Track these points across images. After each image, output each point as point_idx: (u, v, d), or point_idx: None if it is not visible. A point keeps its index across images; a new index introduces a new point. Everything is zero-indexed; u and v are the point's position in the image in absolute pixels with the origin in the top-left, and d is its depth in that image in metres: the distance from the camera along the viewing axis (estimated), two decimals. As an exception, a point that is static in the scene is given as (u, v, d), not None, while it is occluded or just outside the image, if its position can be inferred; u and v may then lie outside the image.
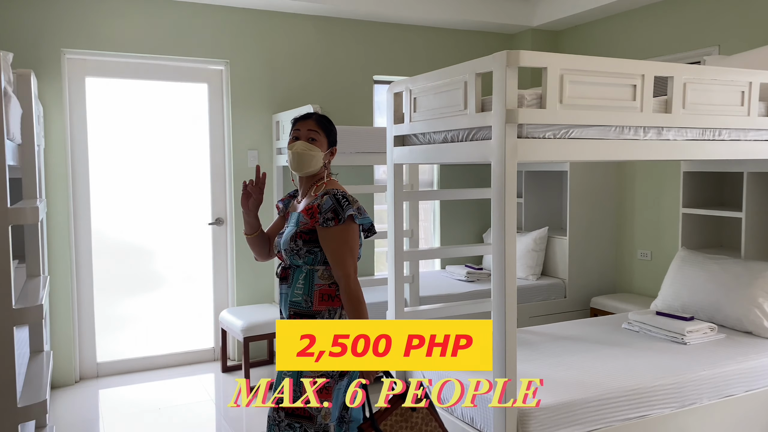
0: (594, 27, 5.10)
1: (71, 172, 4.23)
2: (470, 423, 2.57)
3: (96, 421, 3.70)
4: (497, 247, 2.28)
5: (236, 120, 4.58)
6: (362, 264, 5.01)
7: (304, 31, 4.76)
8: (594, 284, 4.87)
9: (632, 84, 2.42)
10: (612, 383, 2.59)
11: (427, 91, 2.69)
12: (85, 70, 4.27)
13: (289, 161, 2.23)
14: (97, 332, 4.39)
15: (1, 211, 1.84)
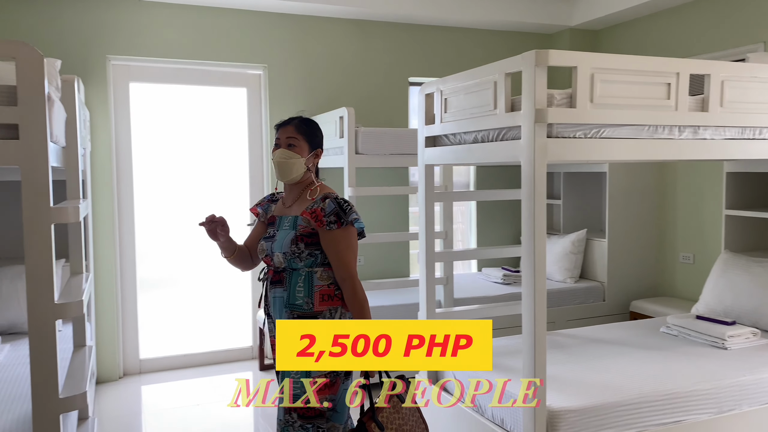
0: (634, 25, 5.00)
1: (116, 175, 4.37)
2: (500, 424, 2.56)
3: (138, 415, 3.81)
4: (527, 248, 2.27)
5: (274, 123, 4.66)
6: (396, 265, 5.03)
7: (339, 35, 4.81)
8: (634, 287, 4.77)
9: (666, 82, 2.38)
10: (646, 387, 2.54)
11: (457, 91, 2.70)
12: (129, 75, 4.41)
13: (274, 167, 2.27)
14: (140, 330, 4.53)
15: (44, 210, 1.93)
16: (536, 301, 2.25)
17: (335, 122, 4.12)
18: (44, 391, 1.95)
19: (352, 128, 3.91)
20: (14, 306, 3.40)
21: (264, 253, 2.27)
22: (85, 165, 3.73)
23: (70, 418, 2.39)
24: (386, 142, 3.97)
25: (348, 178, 3.92)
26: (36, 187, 1.91)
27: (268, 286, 2.27)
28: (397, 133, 4.03)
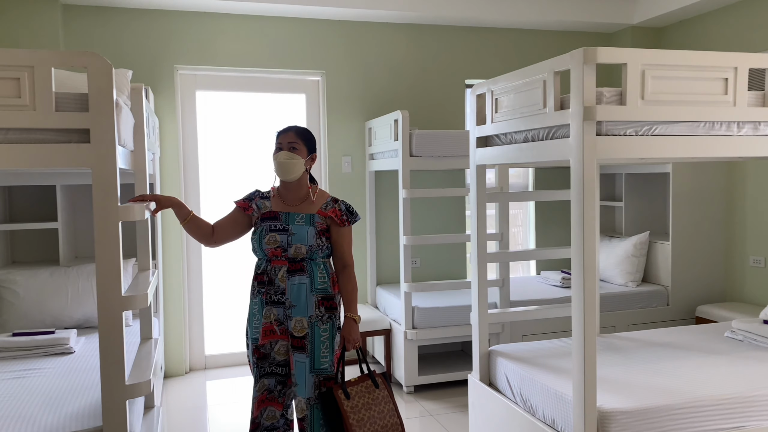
0: (701, 21, 4.84)
1: (183, 177, 4.59)
2: (551, 425, 2.54)
3: (204, 408, 3.98)
4: (576, 249, 2.26)
5: (331, 127, 4.79)
6: (452, 267, 5.05)
7: (395, 40, 4.89)
8: (700, 292, 4.60)
9: (723, 77, 2.32)
10: (704, 391, 2.46)
11: (507, 91, 2.71)
12: (196, 84, 4.63)
13: (275, 169, 2.61)
14: (205, 326, 4.72)
15: (112, 208, 2.08)
16: (585, 302, 2.24)
17: (390, 125, 4.20)
18: (112, 377, 2.09)
19: (406, 131, 3.97)
20: (89, 302, 3.63)
21: (276, 244, 2.54)
22: (154, 169, 3.94)
23: (136, 406, 2.53)
24: (440, 144, 4.01)
25: (402, 180, 3.98)
26: (105, 187, 2.06)
27: (284, 274, 2.54)
28: (452, 134, 4.06)
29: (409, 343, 4.06)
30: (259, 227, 2.60)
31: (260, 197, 2.68)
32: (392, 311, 4.40)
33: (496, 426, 2.92)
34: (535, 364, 2.83)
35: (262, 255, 2.60)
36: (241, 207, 2.68)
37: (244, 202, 2.69)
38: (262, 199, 2.67)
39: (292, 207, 2.61)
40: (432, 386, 4.23)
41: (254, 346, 2.61)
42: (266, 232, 2.56)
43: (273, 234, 2.55)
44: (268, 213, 2.61)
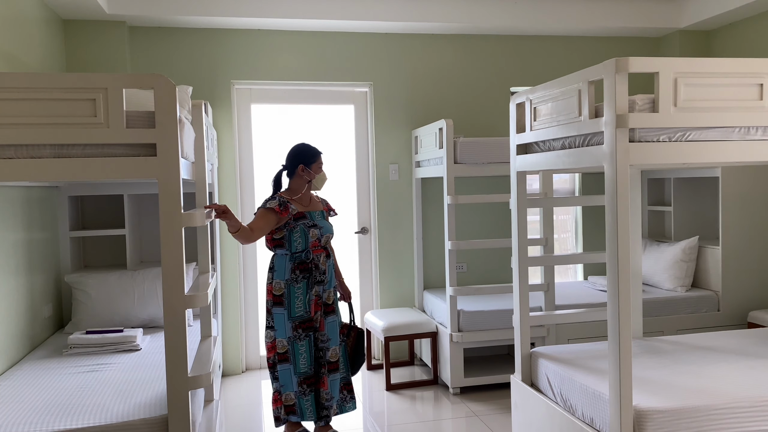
0: (751, 24, 4.78)
1: (239, 187, 4.84)
2: (590, 423, 2.61)
3: (259, 405, 4.19)
4: (610, 253, 2.34)
5: (379, 136, 4.95)
6: (499, 271, 5.12)
7: (441, 50, 5.02)
8: (752, 297, 4.53)
9: (758, 83, 2.35)
10: (744, 392, 2.49)
11: (545, 100, 2.80)
12: (251, 98, 4.88)
13: (319, 182, 3.42)
14: (260, 328, 4.95)
15: (176, 215, 2.28)
16: (620, 303, 2.31)
17: (435, 134, 4.33)
18: (176, 369, 2.30)
19: (450, 139, 4.09)
20: (153, 303, 3.89)
21: (316, 236, 3.28)
22: (213, 178, 4.19)
23: (197, 397, 2.74)
24: (484, 151, 4.11)
25: (447, 186, 4.10)
26: (170, 195, 2.27)
27: (324, 259, 3.31)
28: (495, 141, 4.16)
29: (455, 345, 4.16)
30: (296, 226, 3.26)
31: (288, 203, 3.26)
32: (439, 314, 4.52)
33: (538, 425, 3.00)
34: (575, 365, 2.90)
35: (304, 247, 3.26)
36: (279, 212, 3.22)
37: (282, 209, 3.23)
38: (288, 204, 3.26)
39: (307, 208, 3.36)
40: (477, 388, 4.32)
41: (299, 321, 3.26)
42: (306, 229, 3.26)
43: (311, 230, 3.27)
44: (298, 214, 3.28)
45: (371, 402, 4.18)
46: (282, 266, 3.26)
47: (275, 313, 3.28)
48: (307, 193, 3.39)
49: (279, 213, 3.21)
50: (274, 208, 3.21)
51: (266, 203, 3.26)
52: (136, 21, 4.45)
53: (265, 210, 3.23)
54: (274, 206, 3.21)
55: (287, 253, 3.26)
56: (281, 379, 3.30)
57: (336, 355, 3.36)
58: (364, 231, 5.05)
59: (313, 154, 3.43)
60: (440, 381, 4.46)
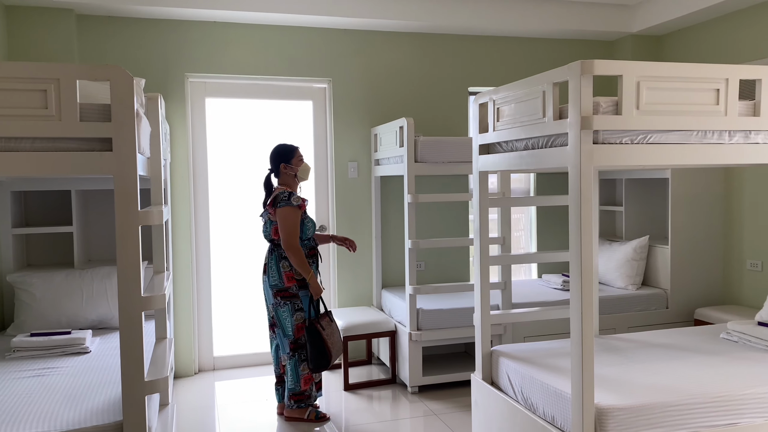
0: (700, 30, 4.94)
1: (193, 183, 4.71)
2: (551, 422, 2.64)
3: (212, 408, 4.09)
4: (574, 253, 2.36)
5: (338, 134, 4.90)
6: (456, 270, 5.15)
7: (400, 48, 5.00)
8: (699, 295, 4.70)
9: (715, 88, 2.42)
10: (698, 389, 2.56)
11: (509, 100, 2.82)
12: (206, 91, 4.75)
13: (304, 174, 3.74)
14: (213, 328, 4.83)
15: (132, 214, 2.19)
16: (583, 303, 2.34)
17: (395, 132, 4.31)
18: (132, 374, 2.20)
19: (411, 138, 4.08)
20: (103, 303, 3.74)
21: (315, 227, 3.71)
22: (166, 174, 4.05)
23: (152, 402, 2.64)
24: (445, 150, 4.12)
25: (407, 185, 4.08)
26: (126, 193, 2.17)
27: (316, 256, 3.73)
28: (455, 141, 4.17)
29: (414, 344, 4.16)
30: (307, 217, 3.66)
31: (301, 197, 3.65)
32: (397, 313, 4.50)
33: (498, 423, 3.01)
34: (536, 363, 2.93)
35: (311, 235, 3.68)
36: (300, 208, 3.59)
37: (304, 203, 3.62)
38: (303, 198, 3.65)
39: None
40: (436, 386, 4.33)
41: (315, 303, 3.62)
42: (312, 220, 3.69)
43: (313, 221, 3.71)
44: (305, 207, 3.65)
45: (329, 402, 4.13)
46: None
47: (302, 296, 3.62)
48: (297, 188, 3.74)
49: (301, 208, 3.58)
50: (300, 204, 3.57)
51: (290, 201, 3.55)
52: (85, 9, 4.26)
53: (292, 208, 3.54)
54: (300, 203, 3.58)
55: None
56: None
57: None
58: (322, 229, 5.00)
59: (289, 151, 3.72)
60: (398, 380, 4.45)
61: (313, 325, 3.56)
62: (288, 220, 3.52)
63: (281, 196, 3.57)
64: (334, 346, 3.59)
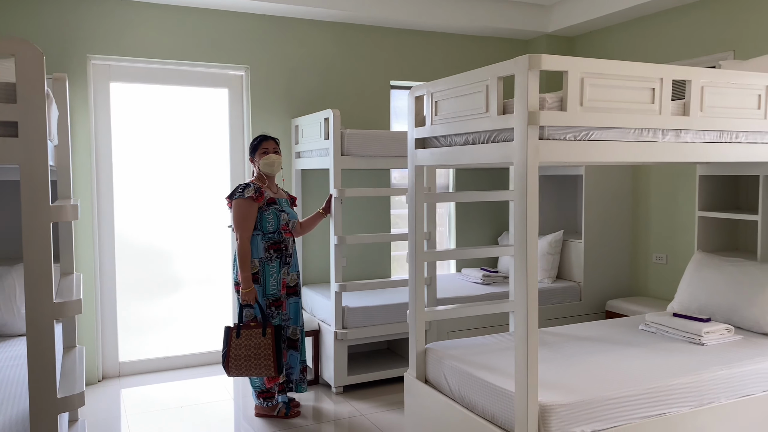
0: (609, 33, 5.15)
1: (95, 175, 4.32)
2: (491, 420, 2.61)
3: (118, 419, 3.77)
4: (519, 248, 2.34)
5: (256, 124, 4.67)
6: (377, 266, 5.08)
7: (322, 37, 4.84)
8: (609, 287, 4.90)
9: (651, 87, 2.47)
10: (631, 382, 2.62)
11: (448, 94, 2.75)
12: (110, 75, 4.37)
13: (267, 166, 3.56)
14: (119, 332, 4.47)
15: (43, 209, 1.92)
16: (528, 301, 2.32)
17: (320, 124, 4.15)
18: (42, 390, 1.94)
19: (338, 130, 3.95)
20: (-5, 308, 3.33)
21: (286, 221, 3.60)
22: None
23: (62, 420, 2.36)
24: (372, 144, 4.02)
25: (333, 179, 3.95)
26: (35, 185, 1.90)
27: (292, 243, 3.64)
28: (383, 135, 4.08)
29: (339, 343, 4.04)
30: (269, 210, 3.54)
31: (261, 188, 3.51)
32: (320, 312, 4.36)
33: (434, 422, 2.96)
34: (473, 360, 2.89)
35: (276, 228, 3.55)
36: (256, 200, 3.48)
37: (257, 195, 3.49)
38: (262, 190, 3.52)
39: (276, 194, 3.65)
40: (360, 386, 4.23)
41: (273, 299, 3.54)
42: (278, 213, 3.56)
43: (282, 214, 3.58)
44: (270, 199, 3.57)
45: (245, 406, 3.92)
46: (255, 246, 3.51)
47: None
48: (272, 181, 3.65)
49: (256, 200, 3.47)
50: (253, 197, 3.46)
51: (243, 194, 3.46)
52: (-31, -23, 3.79)
53: (244, 201, 3.46)
54: (253, 195, 3.47)
55: (259, 233, 3.51)
56: None
57: (296, 333, 3.67)
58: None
59: (254, 145, 3.64)
60: (322, 381, 4.31)
61: (228, 329, 3.46)
62: (238, 213, 3.47)
63: (238, 188, 3.52)
64: (235, 362, 3.41)
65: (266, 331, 3.43)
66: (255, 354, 3.41)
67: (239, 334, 3.42)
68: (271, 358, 3.40)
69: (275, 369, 3.41)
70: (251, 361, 3.41)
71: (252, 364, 3.41)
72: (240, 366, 3.42)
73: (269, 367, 3.41)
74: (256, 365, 3.41)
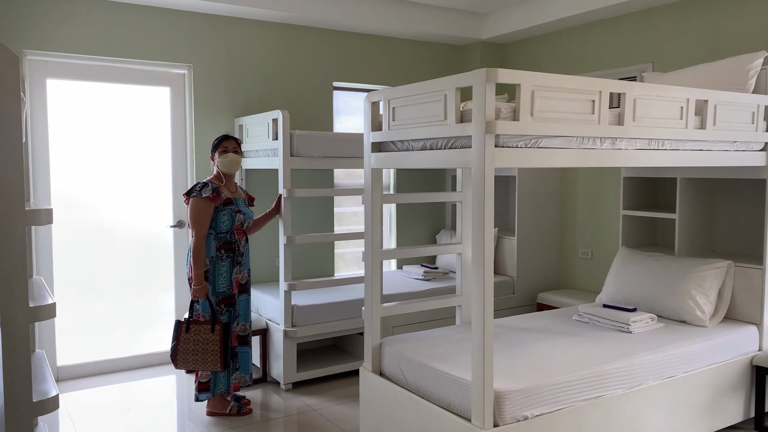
0: (539, 41, 5.46)
1: (32, 174, 4.18)
2: (447, 407, 2.78)
3: (56, 424, 3.68)
4: (477, 247, 2.51)
5: (199, 123, 4.65)
6: (321, 265, 5.17)
7: (266, 38, 4.88)
8: (540, 281, 5.22)
9: (592, 99, 2.71)
10: (571, 368, 2.87)
11: (406, 101, 2.90)
12: (47, 71, 4.23)
13: (225, 165, 3.65)
14: (57, 335, 4.35)
15: (18, 212, 1.92)
16: (485, 293, 2.50)
17: (268, 124, 4.20)
18: (17, 395, 1.94)
19: (287, 131, 4.01)
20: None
21: (240, 221, 3.67)
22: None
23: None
24: (321, 145, 4.11)
25: (282, 179, 4.02)
26: (10, 190, 1.90)
27: (244, 243, 3.72)
28: (332, 136, 4.18)
29: (289, 341, 4.11)
30: (225, 210, 3.59)
31: (219, 188, 3.58)
32: (267, 311, 4.42)
33: (390, 414, 3.11)
34: (427, 352, 3.06)
35: (229, 228, 3.61)
36: (213, 200, 3.54)
37: (215, 195, 3.55)
38: (220, 190, 3.59)
39: (234, 194, 3.71)
40: (308, 382, 4.33)
41: (222, 296, 3.61)
42: (234, 214, 3.62)
43: (238, 215, 3.64)
44: (227, 200, 3.62)
45: (191, 407, 3.93)
46: (207, 245, 3.57)
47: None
48: (231, 181, 3.72)
49: (212, 200, 3.54)
50: (210, 197, 3.53)
51: (200, 193, 3.53)
52: None
53: (199, 200, 3.52)
54: (210, 195, 3.54)
55: (212, 233, 3.58)
56: None
57: (246, 329, 3.76)
58: (181, 225, 4.72)
59: (215, 144, 3.72)
60: (270, 378, 4.37)
61: (178, 323, 3.54)
62: (194, 211, 3.54)
63: (196, 186, 3.59)
64: (183, 355, 3.50)
65: (215, 327, 3.52)
66: (203, 349, 3.51)
67: (189, 329, 3.51)
68: (218, 353, 3.50)
69: (221, 364, 3.51)
70: (198, 355, 3.50)
71: (199, 358, 3.51)
72: (187, 360, 3.51)
73: (216, 362, 3.51)
74: (203, 360, 3.51)
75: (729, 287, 3.65)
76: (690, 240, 4.02)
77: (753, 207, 3.94)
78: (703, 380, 3.28)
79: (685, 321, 3.62)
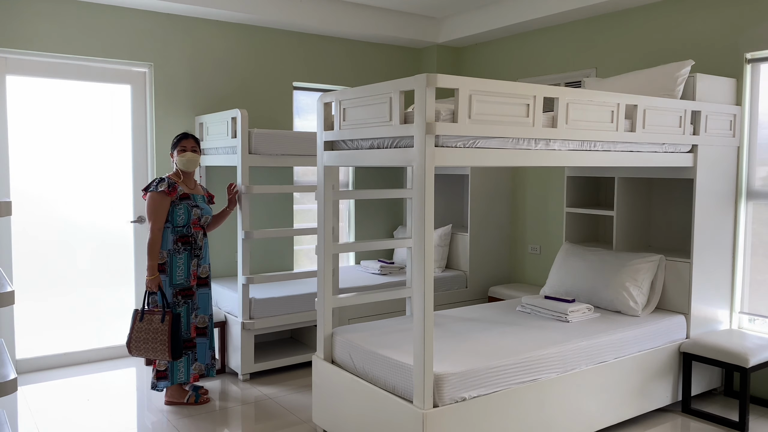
0: (493, 46, 5.69)
1: (-9, 170, 4.23)
2: (392, 391, 2.96)
3: (15, 416, 3.74)
4: (417, 239, 2.70)
5: (159, 121, 4.75)
6: (280, 259, 5.31)
7: (227, 38, 4.99)
8: (491, 275, 5.44)
9: (526, 103, 2.92)
10: (508, 353, 3.08)
11: (355, 103, 3.07)
12: (6, 68, 4.28)
13: (183, 164, 3.81)
14: (16, 329, 4.40)
15: (-21, 205, 2.02)
16: (425, 285, 2.69)
17: (226, 122, 4.33)
18: (-22, 378, 2.04)
19: (245, 129, 4.14)
20: None
21: (197, 215, 3.81)
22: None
23: (-14, 409, 2.43)
24: (278, 143, 4.25)
25: (241, 177, 4.15)
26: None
27: (201, 237, 3.85)
28: (289, 134, 4.33)
29: (246, 333, 4.25)
30: (181, 205, 3.74)
31: (175, 184, 3.74)
32: (225, 303, 4.54)
33: (341, 399, 3.28)
34: (376, 341, 3.24)
35: (186, 223, 3.76)
36: (168, 194, 3.69)
37: (171, 189, 3.70)
38: (176, 185, 3.74)
39: (192, 190, 3.87)
40: (265, 372, 4.47)
41: (179, 288, 3.77)
42: (190, 208, 3.77)
43: (194, 209, 3.79)
44: (184, 195, 3.77)
45: (150, 397, 4.04)
46: (164, 238, 3.71)
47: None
48: (190, 177, 3.88)
49: (168, 194, 3.68)
50: (165, 191, 3.67)
51: (156, 188, 3.68)
52: None
53: (156, 194, 3.67)
54: (165, 189, 3.67)
55: (169, 226, 3.72)
56: None
57: (205, 321, 3.90)
58: (141, 220, 4.81)
59: (174, 142, 3.86)
60: (228, 369, 4.50)
61: (135, 312, 3.71)
62: (150, 205, 3.69)
63: (153, 181, 3.75)
64: (136, 343, 3.67)
65: (165, 317, 3.66)
66: (153, 338, 3.66)
67: (142, 318, 3.68)
68: (166, 343, 3.64)
69: (170, 353, 3.65)
70: (149, 344, 3.66)
71: (149, 347, 3.66)
72: (140, 348, 3.68)
73: (164, 351, 3.65)
74: (153, 348, 3.66)
75: (661, 280, 3.92)
76: (627, 236, 4.28)
77: (684, 205, 4.22)
78: (634, 365, 3.53)
79: (620, 311, 3.87)
